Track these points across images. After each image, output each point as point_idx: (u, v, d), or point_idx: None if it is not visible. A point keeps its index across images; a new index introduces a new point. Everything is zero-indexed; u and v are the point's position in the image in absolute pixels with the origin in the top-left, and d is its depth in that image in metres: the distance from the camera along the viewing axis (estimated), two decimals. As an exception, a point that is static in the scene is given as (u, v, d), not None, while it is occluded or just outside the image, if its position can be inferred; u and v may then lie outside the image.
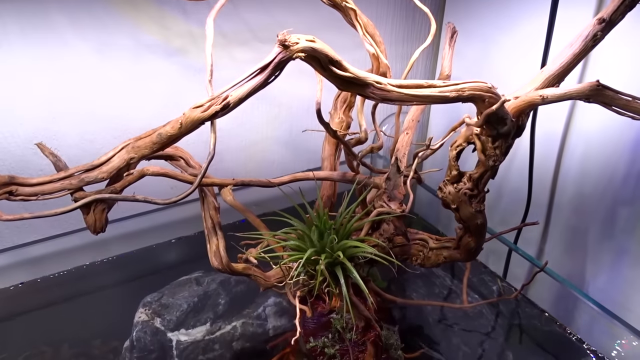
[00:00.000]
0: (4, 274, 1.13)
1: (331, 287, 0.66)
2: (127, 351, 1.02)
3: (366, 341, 0.78)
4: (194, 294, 1.08)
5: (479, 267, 1.20)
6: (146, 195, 0.65)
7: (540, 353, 1.00)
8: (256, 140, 1.28)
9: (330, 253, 0.66)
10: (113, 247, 1.22)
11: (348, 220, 0.70)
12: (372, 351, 0.78)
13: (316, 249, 0.66)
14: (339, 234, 0.68)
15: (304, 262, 0.64)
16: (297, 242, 0.69)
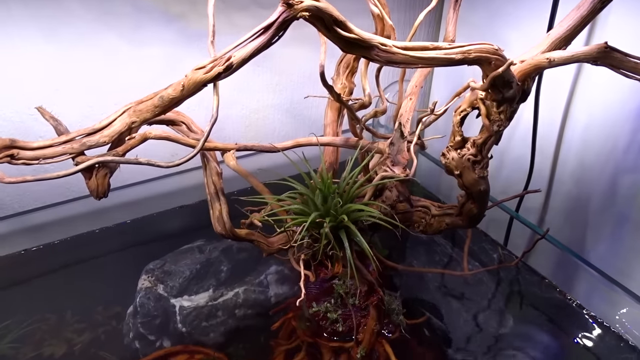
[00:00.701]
0: (6, 241, 1.13)
1: (335, 250, 0.67)
2: (131, 317, 1.03)
3: (369, 305, 0.79)
4: (196, 262, 1.08)
5: (479, 235, 1.20)
6: (149, 158, 0.65)
7: (541, 319, 1.01)
8: (257, 108, 1.27)
9: (335, 217, 0.66)
10: (114, 215, 1.22)
11: (352, 184, 0.70)
12: (375, 315, 0.79)
13: (320, 213, 0.66)
14: (342, 198, 0.68)
15: (308, 225, 0.64)
16: (301, 206, 0.69)
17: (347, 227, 0.66)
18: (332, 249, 0.67)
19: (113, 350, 0.99)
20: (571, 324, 0.98)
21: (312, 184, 0.71)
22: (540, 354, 0.92)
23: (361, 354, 0.84)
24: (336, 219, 0.67)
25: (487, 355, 0.93)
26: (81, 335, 1.03)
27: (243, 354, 0.97)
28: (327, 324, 0.88)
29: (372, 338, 0.82)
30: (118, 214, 1.22)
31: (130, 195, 1.20)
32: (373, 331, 0.81)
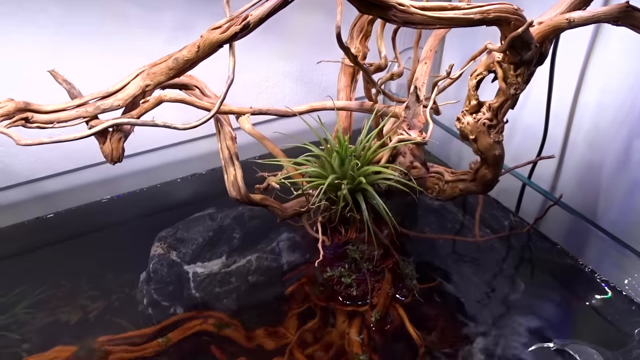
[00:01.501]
0: (19, 209, 1.13)
1: (353, 212, 0.67)
2: (144, 283, 1.03)
3: (384, 269, 0.79)
4: (208, 229, 1.09)
5: (490, 202, 1.20)
6: (165, 120, 0.64)
7: (552, 283, 1.02)
8: (267, 75, 1.26)
9: (352, 179, 0.66)
10: (125, 184, 1.22)
11: (368, 147, 0.70)
12: (390, 278, 0.79)
13: (337, 176, 0.66)
14: (359, 160, 0.68)
15: (326, 188, 0.64)
16: (318, 169, 0.69)
17: (365, 189, 0.66)
18: (349, 211, 0.67)
19: (127, 316, 1.00)
20: (583, 289, 0.99)
21: (328, 147, 0.70)
22: (552, 317, 0.93)
23: (375, 317, 0.85)
24: (353, 181, 0.66)
25: (499, 319, 0.94)
26: (95, 302, 1.04)
27: (256, 320, 0.98)
28: (341, 289, 0.89)
29: (387, 302, 0.83)
30: (128, 183, 1.22)
31: (140, 163, 1.20)
32: (388, 295, 0.81)
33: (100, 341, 0.94)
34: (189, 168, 1.28)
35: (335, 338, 0.90)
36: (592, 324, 0.93)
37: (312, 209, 0.73)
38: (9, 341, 0.95)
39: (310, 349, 0.91)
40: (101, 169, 1.17)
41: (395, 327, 0.89)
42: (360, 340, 0.85)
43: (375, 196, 0.66)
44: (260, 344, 0.94)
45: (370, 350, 0.85)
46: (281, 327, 0.96)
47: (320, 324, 0.94)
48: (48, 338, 0.95)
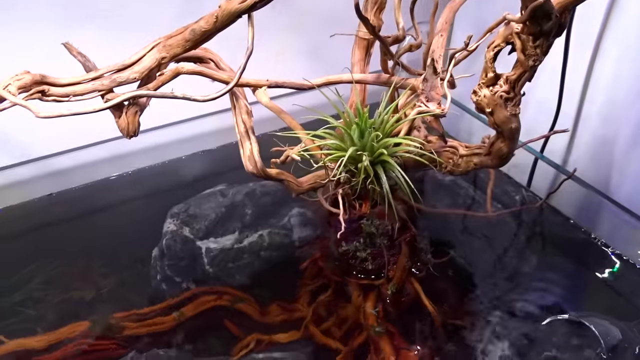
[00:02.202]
0: (32, 185, 1.13)
1: (374, 185, 0.66)
2: (157, 260, 1.04)
3: (401, 242, 0.79)
4: (220, 205, 1.09)
5: (501, 177, 1.20)
6: (184, 92, 0.64)
7: (565, 257, 1.03)
8: (277, 50, 1.24)
9: (371, 151, 0.66)
10: (136, 160, 1.22)
11: (387, 119, 0.69)
12: (407, 251, 0.79)
13: (357, 148, 0.66)
14: (378, 132, 0.68)
15: (346, 160, 0.64)
16: (337, 141, 0.68)
17: (385, 161, 0.66)
18: (370, 183, 0.67)
19: (141, 292, 1.00)
20: (595, 262, 0.99)
21: (347, 119, 0.70)
22: (564, 291, 0.94)
23: (392, 290, 0.86)
24: (373, 153, 0.66)
25: (512, 293, 0.94)
26: (108, 278, 1.04)
27: (270, 295, 0.98)
28: (357, 263, 0.90)
29: (403, 275, 0.83)
30: (139, 159, 1.22)
31: (150, 140, 1.19)
32: (404, 268, 0.82)
33: (116, 317, 0.95)
34: (199, 144, 1.27)
35: (350, 312, 0.91)
36: (605, 297, 0.94)
37: (331, 182, 0.73)
38: (24, 317, 0.96)
39: (325, 322, 0.92)
40: (111, 145, 1.16)
41: (410, 300, 0.90)
42: (376, 313, 0.86)
43: (397, 167, 0.66)
44: (274, 319, 0.95)
45: (386, 322, 0.86)
46: (295, 302, 0.96)
47: (334, 298, 0.94)
48: (62, 314, 0.96)
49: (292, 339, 0.91)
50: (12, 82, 0.62)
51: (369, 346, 0.84)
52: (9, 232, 1.14)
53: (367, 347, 0.85)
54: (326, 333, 0.89)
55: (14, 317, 0.96)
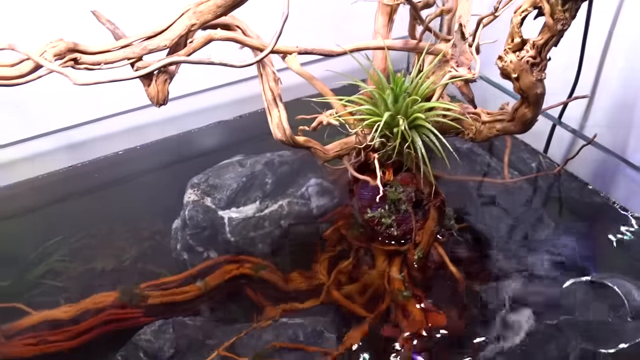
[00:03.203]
0: (53, 157, 1.13)
1: (410, 149, 0.67)
2: (179, 230, 1.04)
3: (428, 207, 0.80)
4: (241, 175, 1.09)
5: (518, 144, 1.21)
6: (221, 59, 0.63)
7: (583, 221, 1.05)
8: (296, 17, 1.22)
9: (406, 116, 0.66)
10: (153, 132, 1.21)
11: (420, 84, 0.69)
12: (435, 216, 0.80)
13: (392, 113, 0.66)
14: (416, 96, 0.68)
15: (382, 125, 0.64)
16: (371, 106, 0.68)
17: (420, 126, 0.66)
18: (406, 147, 0.67)
19: (162, 262, 1.01)
20: (614, 225, 1.01)
21: (381, 84, 0.69)
22: (584, 254, 0.95)
23: (418, 255, 0.87)
24: (407, 118, 0.66)
25: (532, 257, 0.96)
26: (128, 249, 1.05)
27: (291, 263, 0.99)
28: (382, 229, 0.91)
29: (431, 239, 0.84)
30: (156, 131, 1.21)
31: (167, 111, 1.18)
32: (432, 232, 0.83)
33: (141, 286, 0.96)
34: (215, 115, 1.27)
35: (375, 277, 0.92)
36: (625, 259, 0.95)
37: (361, 149, 0.73)
38: (47, 289, 0.97)
39: (349, 287, 0.93)
40: (128, 117, 1.16)
41: (435, 264, 0.91)
42: (402, 277, 0.87)
43: (433, 130, 0.66)
44: (296, 286, 0.96)
45: (413, 286, 0.88)
46: (316, 270, 0.97)
47: (358, 265, 0.96)
48: (85, 285, 0.97)
49: (314, 305, 0.92)
50: (48, 49, 0.61)
51: (395, 310, 0.86)
52: (31, 205, 1.15)
53: (392, 311, 0.87)
54: (351, 298, 0.91)
55: (39, 289, 0.97)
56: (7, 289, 0.97)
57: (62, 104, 1.10)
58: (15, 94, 1.06)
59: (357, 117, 0.70)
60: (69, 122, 1.14)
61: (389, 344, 0.82)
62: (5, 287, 0.97)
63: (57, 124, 1.13)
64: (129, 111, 1.15)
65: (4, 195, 1.17)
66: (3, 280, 0.98)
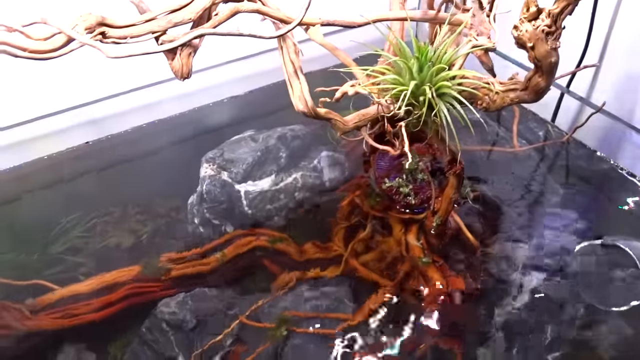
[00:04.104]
0: (68, 134, 1.13)
1: (437, 117, 0.68)
2: (196, 204, 1.05)
3: (448, 175, 0.82)
4: (256, 149, 1.10)
5: (525, 114, 1.23)
6: (250, 30, 0.64)
7: (592, 187, 1.08)
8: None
9: (431, 85, 0.67)
10: (164, 109, 1.22)
11: (443, 52, 0.70)
12: (455, 183, 0.82)
13: (417, 82, 0.67)
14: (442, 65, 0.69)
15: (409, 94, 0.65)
16: (396, 75, 0.69)
17: (443, 94, 0.68)
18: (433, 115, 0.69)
19: (179, 237, 1.03)
20: (621, 190, 1.04)
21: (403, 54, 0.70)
22: (592, 218, 0.98)
23: (437, 222, 0.89)
24: (432, 87, 0.68)
25: (541, 222, 0.99)
26: (145, 225, 1.06)
27: (306, 234, 1.01)
28: (400, 198, 0.93)
29: (449, 207, 0.86)
30: (167, 107, 1.22)
31: (178, 88, 1.18)
32: (450, 200, 0.85)
33: (162, 260, 0.97)
34: (226, 91, 1.27)
35: (394, 245, 0.95)
36: (633, 223, 0.98)
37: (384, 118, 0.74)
38: (67, 265, 0.98)
39: (368, 256, 0.95)
40: (139, 94, 1.16)
41: (452, 231, 0.94)
42: (420, 245, 0.90)
43: (460, 97, 0.68)
44: (315, 257, 0.98)
45: (431, 253, 0.90)
46: (334, 240, 0.99)
47: (374, 234, 0.98)
48: (105, 261, 0.98)
49: (334, 274, 0.94)
50: (79, 23, 0.61)
51: (415, 276, 0.89)
52: (46, 183, 1.16)
53: (413, 277, 0.89)
54: (370, 266, 0.93)
55: (60, 265, 0.98)
56: (29, 266, 0.98)
57: (74, 82, 1.10)
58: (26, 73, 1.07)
59: (381, 87, 0.71)
60: (81, 100, 1.14)
61: (410, 308, 0.85)
62: (26, 264, 0.99)
63: (69, 102, 1.14)
64: (139, 88, 1.16)
65: (19, 173, 1.17)
66: (24, 258, 1.00)
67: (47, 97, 1.12)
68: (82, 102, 1.14)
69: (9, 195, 1.14)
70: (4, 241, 1.04)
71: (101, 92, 1.15)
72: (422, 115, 0.68)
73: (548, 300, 0.85)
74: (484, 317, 0.83)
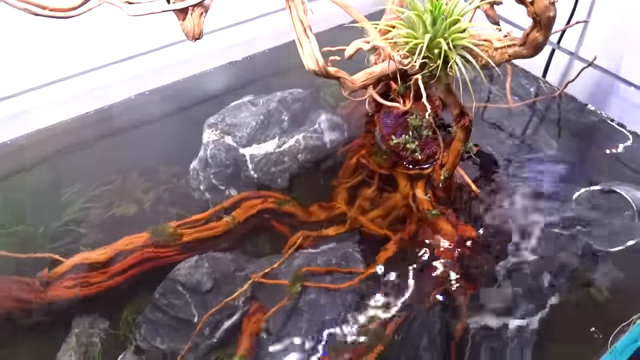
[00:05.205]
0: (68, 104, 1.11)
1: (452, 69, 0.71)
2: (199, 170, 1.06)
3: (458, 128, 0.85)
4: (258, 113, 1.11)
5: (516, 72, 1.26)
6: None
7: (582, 138, 1.13)
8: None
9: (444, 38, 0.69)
10: (163, 76, 1.20)
11: (455, 6, 0.72)
12: (462, 136, 0.85)
13: (431, 36, 0.69)
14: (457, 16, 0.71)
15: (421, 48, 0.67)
16: (409, 29, 0.71)
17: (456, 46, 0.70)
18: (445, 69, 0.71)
19: (186, 202, 1.03)
20: (612, 140, 1.10)
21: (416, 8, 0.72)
22: (586, 167, 1.04)
23: (444, 175, 0.92)
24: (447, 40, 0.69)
25: (540, 173, 1.03)
26: (150, 193, 1.06)
27: (309, 196, 1.03)
28: (407, 154, 0.95)
29: (457, 160, 0.89)
30: (164, 75, 1.20)
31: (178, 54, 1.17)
32: (458, 153, 0.88)
33: (172, 225, 0.98)
34: (223, 57, 1.26)
35: (400, 201, 0.98)
36: (625, 170, 1.04)
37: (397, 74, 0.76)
38: (74, 236, 0.98)
39: (379, 211, 0.98)
40: (137, 62, 1.14)
41: (456, 184, 0.97)
42: (428, 198, 0.93)
43: (476, 49, 0.70)
44: (320, 216, 1.00)
45: (439, 205, 0.94)
46: (338, 199, 1.02)
47: (383, 190, 1.00)
48: (110, 230, 0.98)
49: (345, 231, 0.97)
50: (99, -19, 0.61)
51: (426, 227, 0.92)
52: (49, 153, 1.14)
53: (424, 228, 0.93)
54: (381, 221, 0.96)
55: (67, 237, 0.98)
56: (36, 239, 0.97)
57: (71, 52, 1.08)
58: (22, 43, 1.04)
59: (394, 42, 0.72)
60: (76, 70, 1.12)
61: (421, 257, 0.89)
62: (33, 237, 0.98)
63: (66, 72, 1.12)
64: (136, 56, 1.14)
65: (19, 145, 1.15)
66: (31, 231, 0.99)
67: (45, 67, 1.10)
68: (80, 71, 1.13)
69: (10, 168, 1.12)
70: (9, 215, 1.03)
71: (97, 61, 1.14)
72: (437, 68, 0.70)
73: (550, 243, 0.90)
74: (491, 261, 0.87)
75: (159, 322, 0.87)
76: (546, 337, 0.80)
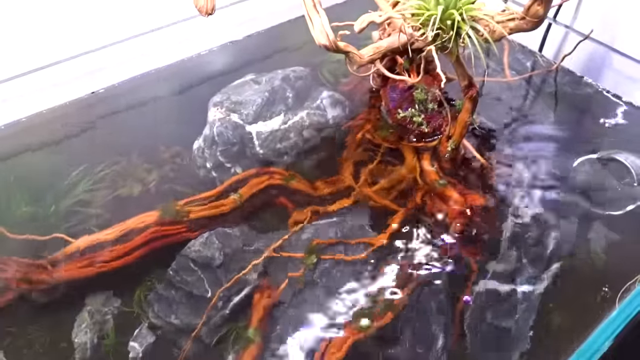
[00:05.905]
0: (71, 85, 1.10)
1: (464, 41, 0.72)
2: (204, 148, 1.06)
3: (466, 99, 0.86)
4: (262, 90, 1.11)
5: (514, 46, 1.28)
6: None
7: (579, 109, 1.16)
8: None
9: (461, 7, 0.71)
10: (163, 56, 1.19)
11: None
12: (470, 107, 0.87)
13: (443, 7, 0.70)
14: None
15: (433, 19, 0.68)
16: (420, 1, 0.72)
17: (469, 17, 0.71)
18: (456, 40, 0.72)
19: (193, 180, 1.04)
20: (608, 111, 1.13)
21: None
22: (584, 137, 1.07)
23: (452, 146, 0.94)
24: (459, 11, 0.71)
25: (539, 144, 1.06)
26: (155, 172, 1.06)
27: (314, 172, 1.05)
28: (414, 127, 0.97)
29: (464, 131, 0.91)
30: (166, 54, 1.19)
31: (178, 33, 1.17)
32: (465, 124, 0.90)
33: (180, 203, 0.98)
34: (223, 37, 1.26)
35: (407, 173, 1.00)
36: (621, 138, 1.07)
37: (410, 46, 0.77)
38: (81, 217, 0.98)
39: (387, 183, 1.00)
40: (137, 42, 1.14)
41: (462, 155, 1.00)
42: (435, 169, 0.95)
43: (489, 20, 0.71)
44: (327, 191, 1.02)
45: (446, 176, 0.96)
46: (346, 173, 1.03)
47: (387, 164, 1.02)
48: (118, 210, 0.99)
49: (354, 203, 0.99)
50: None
51: (434, 197, 0.95)
52: (48, 136, 1.13)
53: (430, 198, 0.95)
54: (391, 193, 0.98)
55: (74, 218, 0.98)
56: (44, 221, 0.97)
57: (73, 32, 1.07)
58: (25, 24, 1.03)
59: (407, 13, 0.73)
60: (79, 50, 1.11)
61: (431, 226, 0.91)
62: (42, 218, 0.98)
63: (70, 52, 1.11)
64: (137, 36, 1.13)
65: (22, 126, 1.14)
66: (38, 212, 0.99)
67: (49, 47, 1.09)
68: (83, 51, 1.12)
69: (13, 149, 1.11)
70: (15, 196, 1.02)
71: (100, 41, 1.13)
72: (450, 39, 0.72)
73: (552, 210, 0.93)
74: (499, 228, 0.90)
75: (173, 298, 0.88)
76: (554, 299, 0.83)
